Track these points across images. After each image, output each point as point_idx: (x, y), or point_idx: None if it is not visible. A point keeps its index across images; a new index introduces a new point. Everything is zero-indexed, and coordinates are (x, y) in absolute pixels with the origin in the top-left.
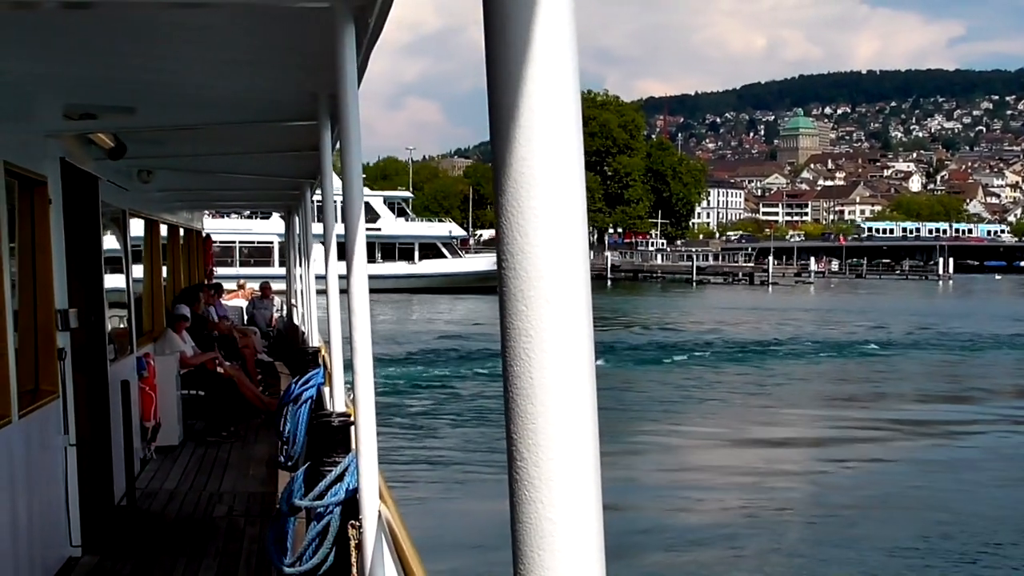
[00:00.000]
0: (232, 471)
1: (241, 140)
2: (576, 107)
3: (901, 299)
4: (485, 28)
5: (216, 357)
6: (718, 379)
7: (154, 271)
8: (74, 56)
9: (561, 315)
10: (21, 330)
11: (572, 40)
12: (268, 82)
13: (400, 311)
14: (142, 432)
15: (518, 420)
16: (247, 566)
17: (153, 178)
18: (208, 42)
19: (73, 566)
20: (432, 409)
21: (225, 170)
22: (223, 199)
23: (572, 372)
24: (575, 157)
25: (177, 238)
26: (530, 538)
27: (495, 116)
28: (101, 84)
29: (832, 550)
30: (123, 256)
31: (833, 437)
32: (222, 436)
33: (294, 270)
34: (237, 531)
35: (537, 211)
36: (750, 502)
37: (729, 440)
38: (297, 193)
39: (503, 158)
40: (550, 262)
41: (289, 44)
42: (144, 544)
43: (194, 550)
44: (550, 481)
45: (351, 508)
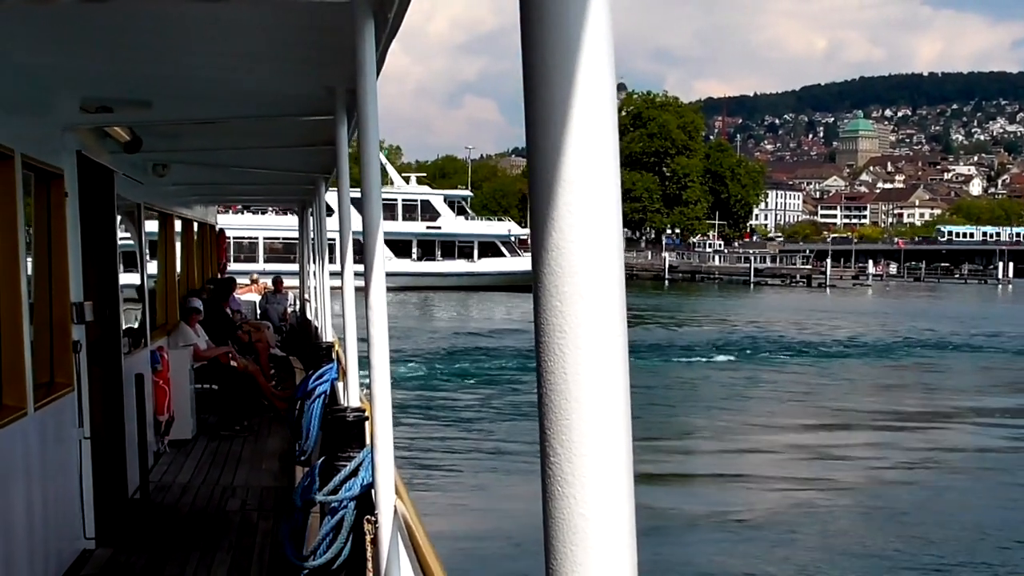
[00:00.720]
0: (245, 465)
1: (256, 134)
2: (611, 102)
3: (959, 303)
4: (521, 23)
5: (230, 351)
6: (774, 377)
7: (168, 265)
8: (91, 50)
9: (595, 311)
10: (37, 323)
11: (608, 34)
12: (285, 76)
13: (458, 308)
14: (156, 425)
15: (551, 416)
16: (260, 560)
17: (168, 172)
18: (225, 36)
19: (87, 559)
20: (479, 403)
21: (240, 164)
22: (237, 193)
23: (606, 368)
24: (610, 153)
25: (191, 232)
26: (562, 533)
27: (531, 112)
28: (118, 78)
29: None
30: (137, 250)
31: (886, 441)
32: (235, 430)
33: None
34: (250, 525)
35: (572, 207)
36: (799, 494)
37: (781, 436)
38: (312, 188)
39: (538, 154)
40: (585, 258)
41: (307, 38)
42: (157, 537)
43: (207, 544)
44: (583, 477)
45: (365, 503)
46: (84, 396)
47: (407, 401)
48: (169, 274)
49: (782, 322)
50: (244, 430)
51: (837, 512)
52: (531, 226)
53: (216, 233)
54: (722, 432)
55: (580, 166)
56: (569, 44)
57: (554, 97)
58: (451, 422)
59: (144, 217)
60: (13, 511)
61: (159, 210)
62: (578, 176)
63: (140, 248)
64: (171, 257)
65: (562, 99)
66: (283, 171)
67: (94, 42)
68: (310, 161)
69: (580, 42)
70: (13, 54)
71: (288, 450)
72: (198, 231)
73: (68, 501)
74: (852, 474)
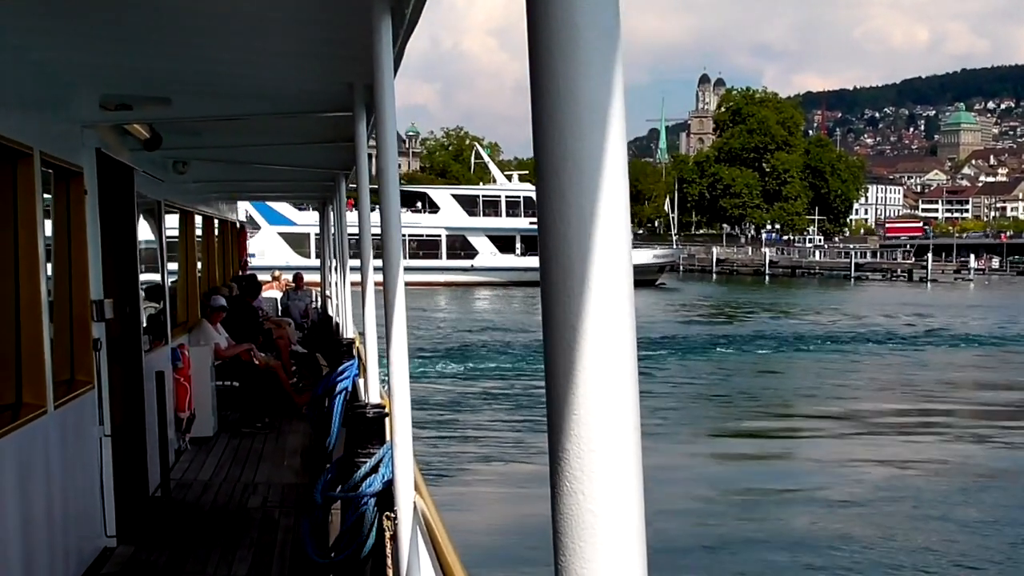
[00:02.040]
0: (266, 462)
1: (276, 131)
2: (620, 91)
3: None
4: (528, 14)
5: (251, 348)
6: (872, 368)
7: (189, 262)
8: (110, 46)
9: (604, 305)
10: (57, 321)
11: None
12: (303, 72)
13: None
14: (176, 423)
15: (560, 411)
16: (281, 557)
17: (188, 169)
18: (243, 32)
19: (108, 556)
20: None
21: (260, 161)
22: (258, 190)
23: (614, 363)
24: (618, 144)
25: (212, 229)
26: (571, 529)
27: (537, 102)
28: (137, 75)
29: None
30: (158, 247)
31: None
32: (256, 427)
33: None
34: (271, 522)
35: (580, 200)
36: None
37: (876, 425)
38: (332, 184)
39: (544, 145)
40: (593, 252)
41: (325, 34)
42: (178, 535)
43: (228, 541)
44: (592, 473)
45: (386, 499)
46: (104, 394)
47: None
48: (190, 271)
49: (883, 315)
50: (265, 427)
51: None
52: (538, 218)
53: (238, 230)
54: (834, 416)
55: (587, 158)
56: (576, 31)
57: (559, 86)
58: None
59: (165, 214)
60: (34, 509)
61: (179, 207)
62: (586, 168)
63: (161, 245)
64: (192, 254)
65: (568, 88)
66: (303, 167)
67: (113, 39)
68: (330, 157)
69: (587, 29)
70: (31, 51)
71: (309, 447)
72: (219, 228)
73: (89, 499)
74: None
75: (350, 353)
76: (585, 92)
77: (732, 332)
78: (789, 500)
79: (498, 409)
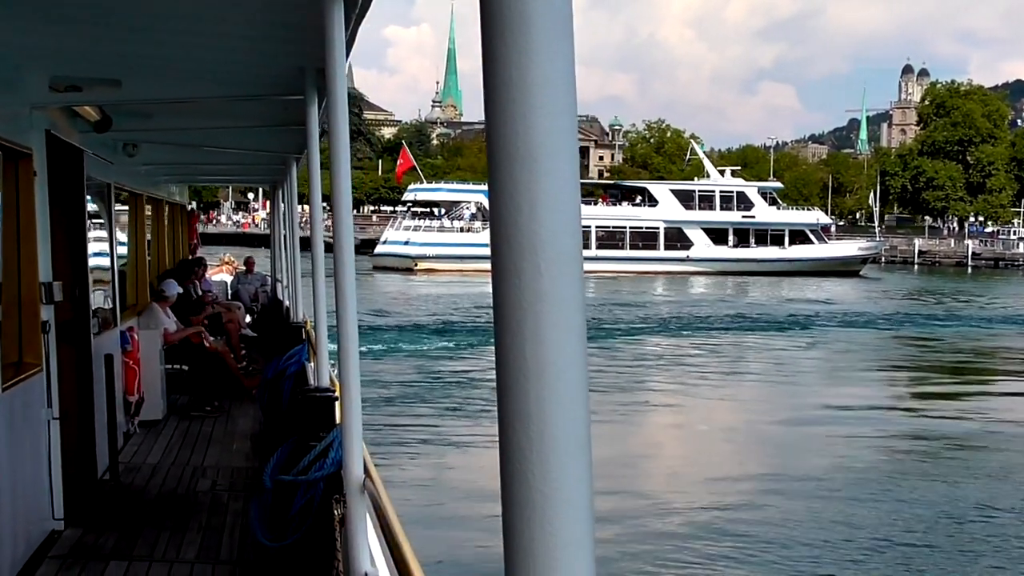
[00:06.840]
0: (216, 446)
1: (227, 114)
2: (570, 77)
3: None
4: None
5: (200, 331)
6: None
7: (139, 245)
8: (60, 28)
9: (554, 288)
10: (5, 303)
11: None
12: (255, 55)
13: (772, 290)
14: (125, 406)
15: (510, 392)
16: (230, 540)
17: (138, 152)
18: (194, 13)
19: (56, 539)
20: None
21: (211, 144)
22: (209, 173)
23: (563, 344)
24: (567, 127)
25: (162, 212)
26: (520, 510)
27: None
28: (87, 56)
29: None
30: (107, 230)
31: None
32: (206, 411)
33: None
34: (220, 505)
35: (530, 183)
36: None
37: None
38: (283, 168)
39: (495, 129)
40: (542, 235)
41: (276, 17)
42: (127, 518)
43: (177, 524)
44: (541, 453)
45: (335, 483)
46: (53, 376)
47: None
48: (140, 254)
49: None
50: (215, 411)
51: None
52: (490, 202)
53: (188, 213)
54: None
55: (537, 142)
56: (527, 20)
57: (511, 74)
58: None
59: (114, 197)
60: None
61: (129, 190)
62: (535, 152)
63: (110, 229)
64: (142, 237)
65: (519, 73)
66: (254, 151)
67: (63, 20)
68: (281, 141)
69: (538, 20)
70: None
71: (259, 430)
72: (169, 212)
73: (37, 482)
74: None
75: (299, 336)
76: (536, 76)
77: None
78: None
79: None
